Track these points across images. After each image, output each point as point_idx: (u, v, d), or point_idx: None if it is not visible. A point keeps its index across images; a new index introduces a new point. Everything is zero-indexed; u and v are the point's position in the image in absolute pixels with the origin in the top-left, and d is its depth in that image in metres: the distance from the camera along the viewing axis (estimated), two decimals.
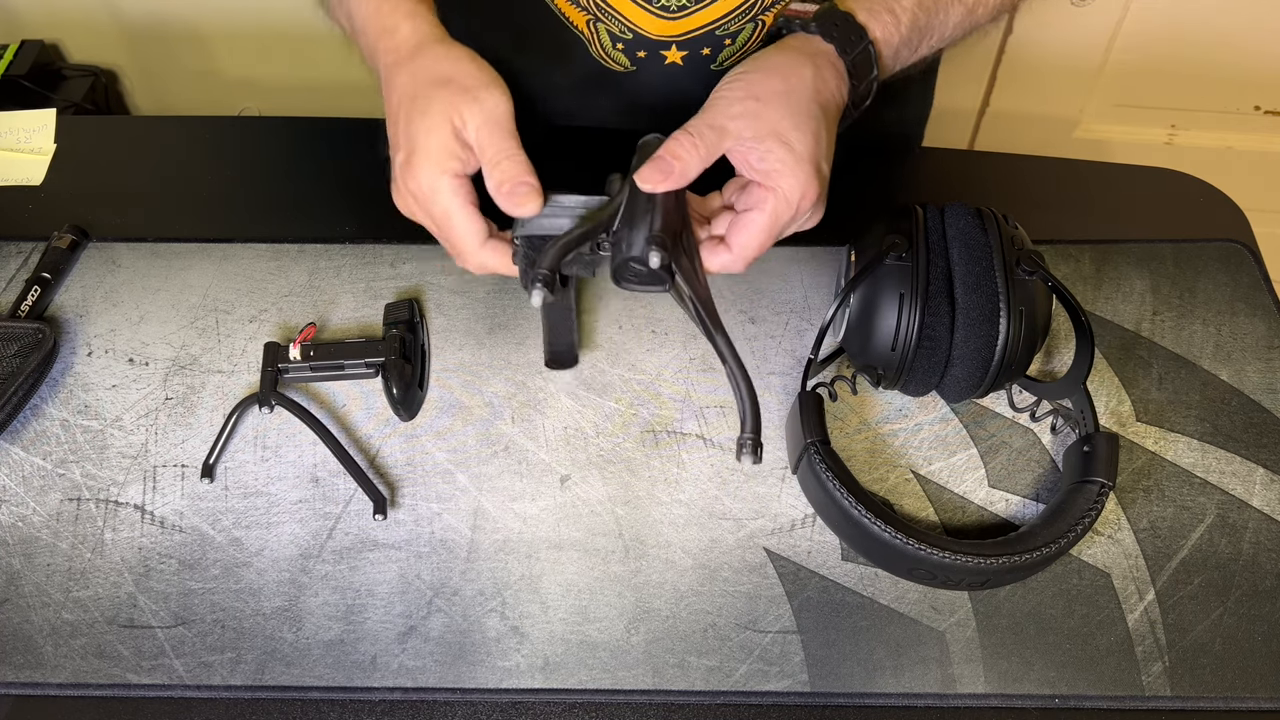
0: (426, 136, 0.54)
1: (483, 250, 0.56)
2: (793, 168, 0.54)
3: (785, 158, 0.54)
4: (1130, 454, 0.63)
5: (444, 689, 0.55)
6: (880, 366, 0.59)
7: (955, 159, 0.86)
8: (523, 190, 0.54)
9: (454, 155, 0.54)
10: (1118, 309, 0.70)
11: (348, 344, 0.64)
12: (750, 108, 0.55)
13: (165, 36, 1.33)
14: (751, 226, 0.55)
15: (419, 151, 0.55)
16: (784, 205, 0.54)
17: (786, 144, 0.54)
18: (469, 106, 0.54)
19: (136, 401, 0.65)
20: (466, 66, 0.56)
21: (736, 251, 0.55)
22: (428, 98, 0.55)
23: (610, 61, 0.75)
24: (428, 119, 0.54)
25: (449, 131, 0.54)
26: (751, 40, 0.73)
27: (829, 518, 0.59)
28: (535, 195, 0.54)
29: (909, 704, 0.55)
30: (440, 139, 0.54)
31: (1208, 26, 1.24)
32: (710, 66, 0.75)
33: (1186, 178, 0.79)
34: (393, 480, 0.62)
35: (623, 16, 0.70)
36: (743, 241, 0.55)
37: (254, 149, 0.83)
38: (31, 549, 0.59)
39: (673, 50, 0.73)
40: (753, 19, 0.71)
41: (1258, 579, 0.58)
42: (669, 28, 0.71)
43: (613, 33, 0.72)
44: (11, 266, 0.71)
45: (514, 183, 0.54)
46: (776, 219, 0.54)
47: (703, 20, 0.71)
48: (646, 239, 0.52)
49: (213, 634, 0.56)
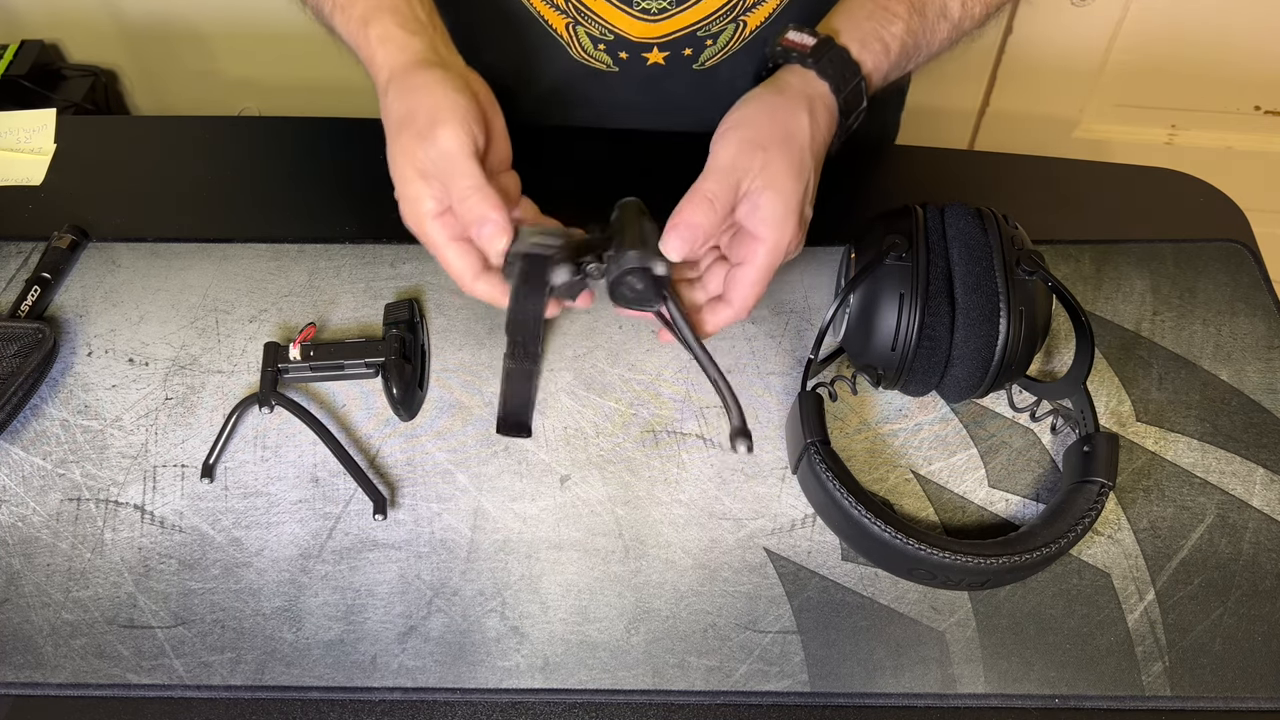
0: (400, 181, 0.56)
1: (477, 283, 0.57)
2: (782, 219, 0.55)
3: (777, 210, 0.55)
4: (1130, 454, 0.63)
5: (444, 689, 0.55)
6: (880, 366, 0.59)
7: (955, 159, 0.86)
8: (487, 230, 0.55)
9: (426, 196, 0.56)
10: (1118, 309, 0.70)
11: (348, 344, 0.64)
12: (758, 160, 0.56)
13: (165, 36, 1.33)
14: (746, 280, 0.57)
15: (398, 192, 0.57)
16: (774, 254, 0.56)
17: (782, 197, 0.55)
18: (423, 150, 0.55)
19: (136, 401, 0.65)
20: (423, 100, 0.56)
21: (738, 305, 0.57)
22: (393, 140, 0.57)
23: (592, 62, 0.75)
24: (397, 165, 0.56)
25: (414, 174, 0.55)
26: (733, 41, 0.73)
27: (829, 518, 0.59)
28: (501, 233, 0.55)
29: (909, 704, 0.55)
30: (410, 184, 0.56)
31: (1208, 26, 1.24)
32: (693, 67, 0.75)
33: (1186, 178, 0.79)
34: (393, 480, 0.62)
35: (602, 19, 0.70)
36: (742, 295, 0.57)
37: (254, 149, 0.83)
38: (31, 549, 0.59)
39: (654, 52, 0.73)
40: (734, 20, 0.71)
41: (1258, 579, 0.58)
42: (649, 30, 0.71)
43: (592, 35, 0.72)
44: (11, 266, 0.71)
45: (478, 224, 0.55)
46: (769, 268, 0.57)
47: (684, 22, 0.71)
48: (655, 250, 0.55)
49: (213, 634, 0.56)
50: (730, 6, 0.70)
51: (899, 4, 0.62)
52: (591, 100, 0.79)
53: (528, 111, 0.81)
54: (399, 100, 0.57)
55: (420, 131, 0.55)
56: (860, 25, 0.61)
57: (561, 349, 0.67)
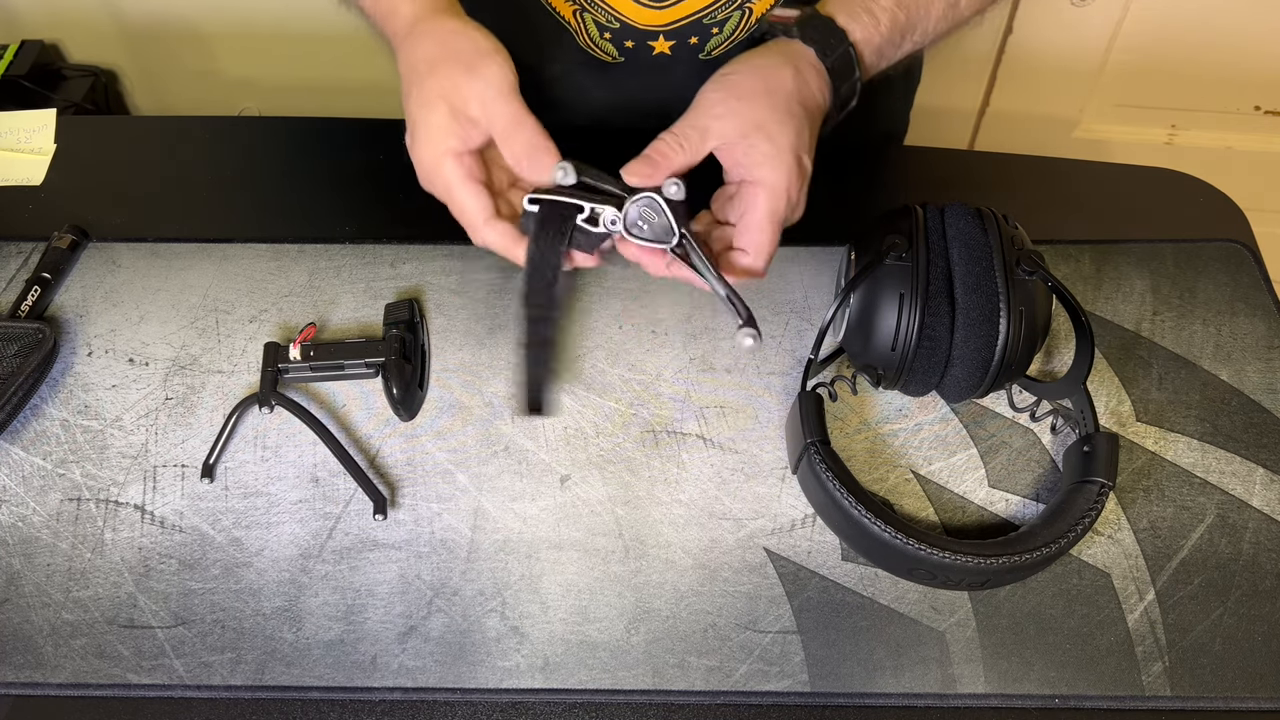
0: (425, 115, 0.55)
1: (486, 227, 0.56)
2: (775, 159, 0.55)
3: (768, 150, 0.55)
4: (1130, 454, 0.63)
5: (444, 689, 0.55)
6: (880, 366, 0.59)
7: (955, 159, 0.86)
8: (539, 157, 0.54)
9: (451, 133, 0.55)
10: (1118, 309, 0.70)
11: (348, 344, 0.64)
12: (733, 107, 0.55)
13: (165, 36, 1.33)
14: (755, 225, 0.55)
15: (418, 130, 0.56)
16: (775, 196, 0.55)
17: (769, 137, 0.55)
18: (467, 82, 0.54)
19: (136, 401, 0.65)
20: (462, 41, 0.56)
21: (753, 252, 0.56)
22: (424, 76, 0.56)
23: (598, 52, 0.75)
24: (424, 98, 0.55)
25: (445, 110, 0.55)
26: (739, 29, 0.73)
27: (829, 518, 0.59)
28: (552, 156, 0.54)
29: (909, 704, 0.55)
30: (437, 118, 0.55)
31: (1208, 26, 1.24)
32: (699, 56, 0.75)
33: (1186, 178, 0.79)
34: (393, 480, 0.62)
35: (609, 6, 0.70)
36: (755, 241, 0.56)
37: (254, 149, 0.83)
38: (31, 549, 0.59)
39: (660, 40, 0.73)
40: (739, 7, 0.71)
41: (1258, 579, 0.58)
42: (656, 17, 0.71)
43: (600, 23, 0.72)
44: (11, 266, 0.71)
45: (530, 150, 0.54)
46: (774, 210, 0.55)
47: (689, 9, 0.71)
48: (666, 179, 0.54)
49: (213, 634, 0.56)
50: None
51: None
52: (597, 92, 0.79)
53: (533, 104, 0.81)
54: (431, 41, 0.56)
55: (469, 63, 0.54)
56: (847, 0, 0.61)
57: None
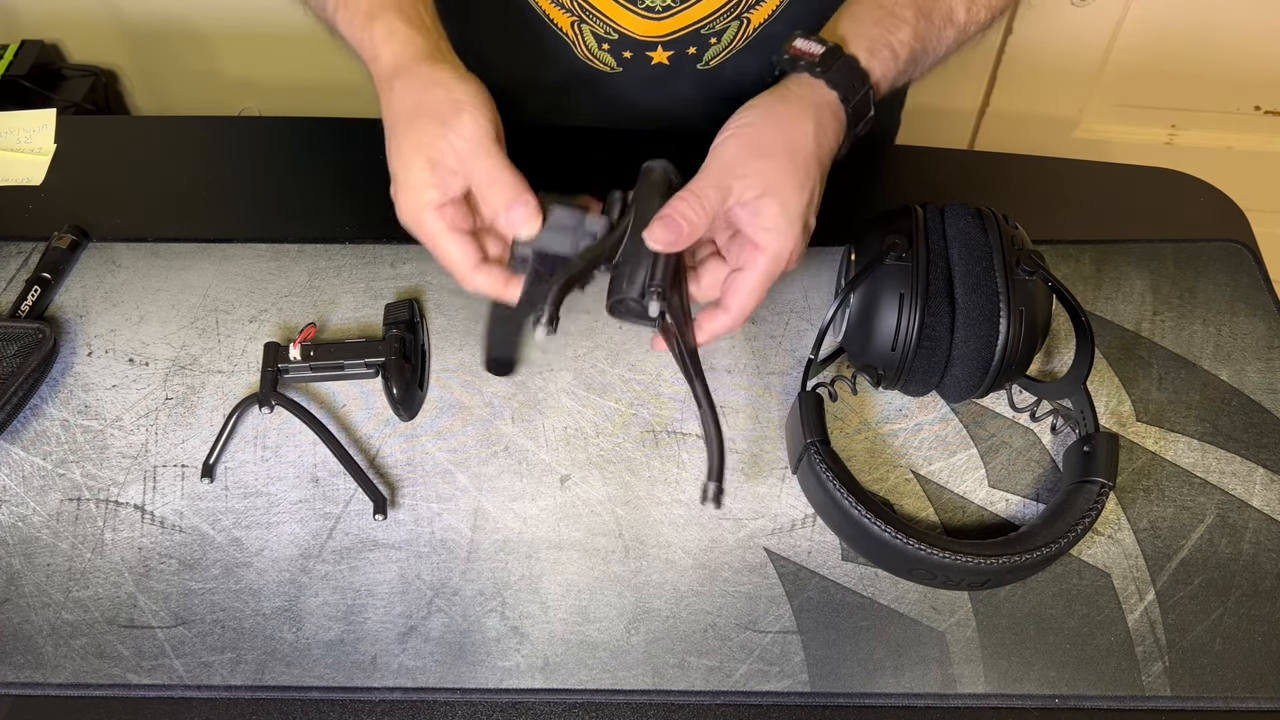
0: (404, 171, 0.55)
1: (476, 274, 0.56)
2: (784, 229, 0.54)
3: (779, 218, 0.54)
4: (1130, 454, 0.63)
5: (444, 689, 0.55)
6: (880, 366, 0.59)
7: (955, 159, 0.86)
8: (518, 212, 0.54)
9: (430, 186, 0.54)
10: (1118, 309, 0.70)
11: (348, 344, 0.64)
12: (754, 167, 0.55)
13: (165, 36, 1.33)
14: (745, 287, 0.55)
15: (399, 182, 0.56)
16: (774, 263, 0.55)
17: (783, 204, 0.54)
18: (442, 136, 0.54)
19: (136, 401, 0.65)
20: (438, 93, 0.55)
21: (735, 313, 0.56)
22: (403, 130, 0.55)
23: (596, 62, 0.75)
24: (403, 153, 0.55)
25: (423, 163, 0.54)
26: (737, 39, 0.73)
27: (829, 518, 0.59)
28: (533, 216, 0.54)
29: (909, 704, 0.55)
30: (416, 172, 0.54)
31: (1208, 26, 1.24)
32: (696, 66, 0.75)
33: (1186, 178, 0.79)
34: (393, 480, 0.62)
35: (607, 17, 0.70)
36: (740, 304, 0.56)
37: (254, 149, 0.83)
38: (31, 549, 0.59)
39: (658, 50, 0.73)
40: (737, 17, 0.71)
41: (1258, 579, 0.58)
42: (654, 28, 0.71)
43: (597, 34, 0.72)
44: (11, 266, 0.71)
45: (509, 206, 0.54)
46: (769, 276, 0.55)
47: (687, 20, 0.71)
48: (645, 288, 0.54)
49: (213, 634, 0.56)
50: (734, 4, 0.70)
51: (906, 9, 0.61)
52: (595, 102, 0.79)
53: (531, 113, 0.81)
54: (409, 92, 0.56)
55: (443, 118, 0.54)
56: (867, 32, 0.60)
57: (561, 349, 0.67)
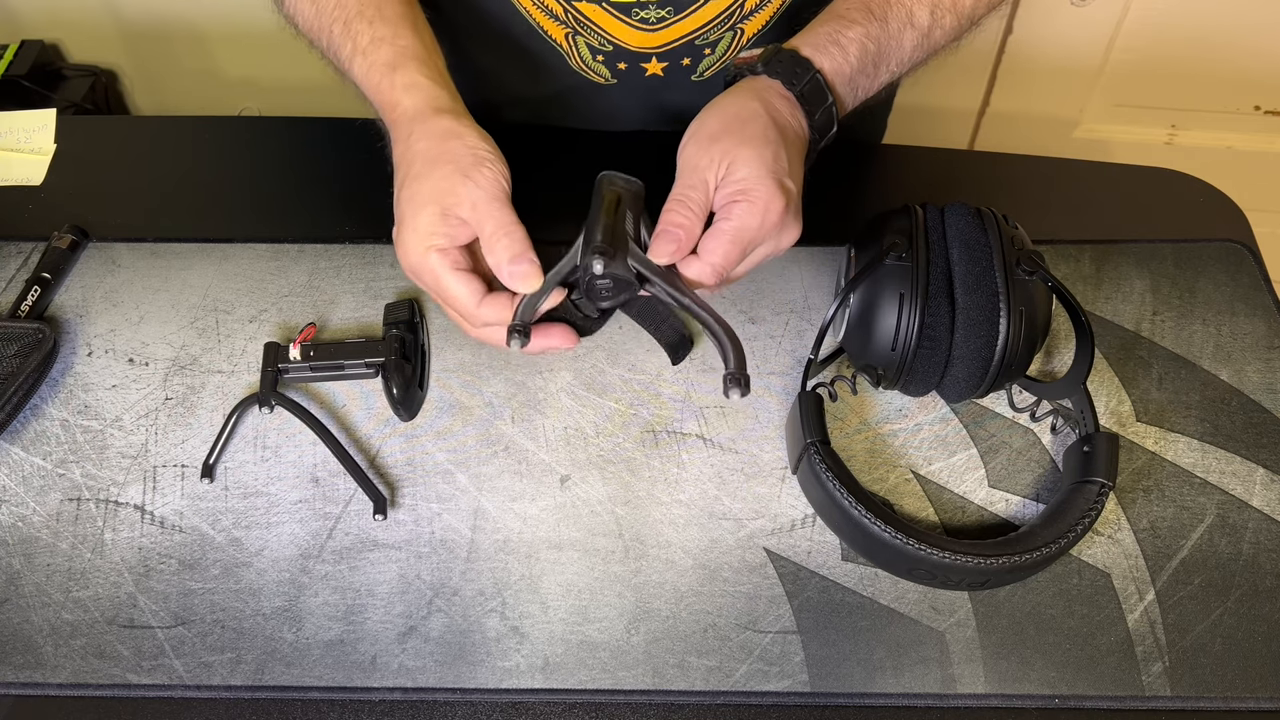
0: (415, 214, 0.56)
1: (482, 307, 0.56)
2: (756, 180, 0.55)
3: (748, 173, 0.55)
4: (1130, 454, 0.63)
5: (444, 689, 0.55)
6: (880, 366, 0.59)
7: (955, 159, 0.86)
8: (522, 268, 0.55)
9: (439, 234, 0.55)
10: (1118, 309, 0.70)
11: (348, 344, 0.64)
12: (717, 149, 0.56)
13: (165, 36, 1.33)
14: (718, 234, 0.55)
15: (406, 226, 0.56)
16: (751, 214, 0.54)
17: (748, 161, 0.55)
18: (462, 186, 0.55)
19: (136, 401, 0.65)
20: (460, 145, 0.57)
21: (704, 259, 0.55)
22: (420, 176, 0.56)
23: (590, 74, 0.75)
24: (417, 198, 0.56)
25: (436, 211, 0.55)
26: (731, 49, 0.73)
27: (829, 518, 0.59)
28: (535, 273, 0.55)
29: (909, 704, 0.55)
30: (427, 218, 0.55)
31: (1208, 26, 1.24)
32: (691, 77, 0.75)
33: (1186, 178, 0.79)
34: (393, 480, 0.62)
35: (601, 29, 0.70)
36: (710, 248, 0.55)
37: (254, 149, 0.83)
38: (31, 549, 0.59)
39: (653, 62, 0.73)
40: (731, 28, 0.71)
41: (1258, 579, 0.58)
42: (648, 40, 0.71)
43: (592, 45, 0.72)
44: (11, 266, 0.71)
45: (513, 260, 0.54)
46: (744, 227, 0.54)
47: (682, 31, 0.71)
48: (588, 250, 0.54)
49: (213, 634, 0.56)
50: (728, 15, 0.70)
51: (856, 11, 0.62)
52: (589, 113, 0.79)
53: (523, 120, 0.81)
54: (429, 140, 0.57)
55: (464, 168, 0.55)
56: (813, 31, 0.62)
57: None
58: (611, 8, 0.69)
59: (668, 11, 0.69)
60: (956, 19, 0.65)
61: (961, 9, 0.65)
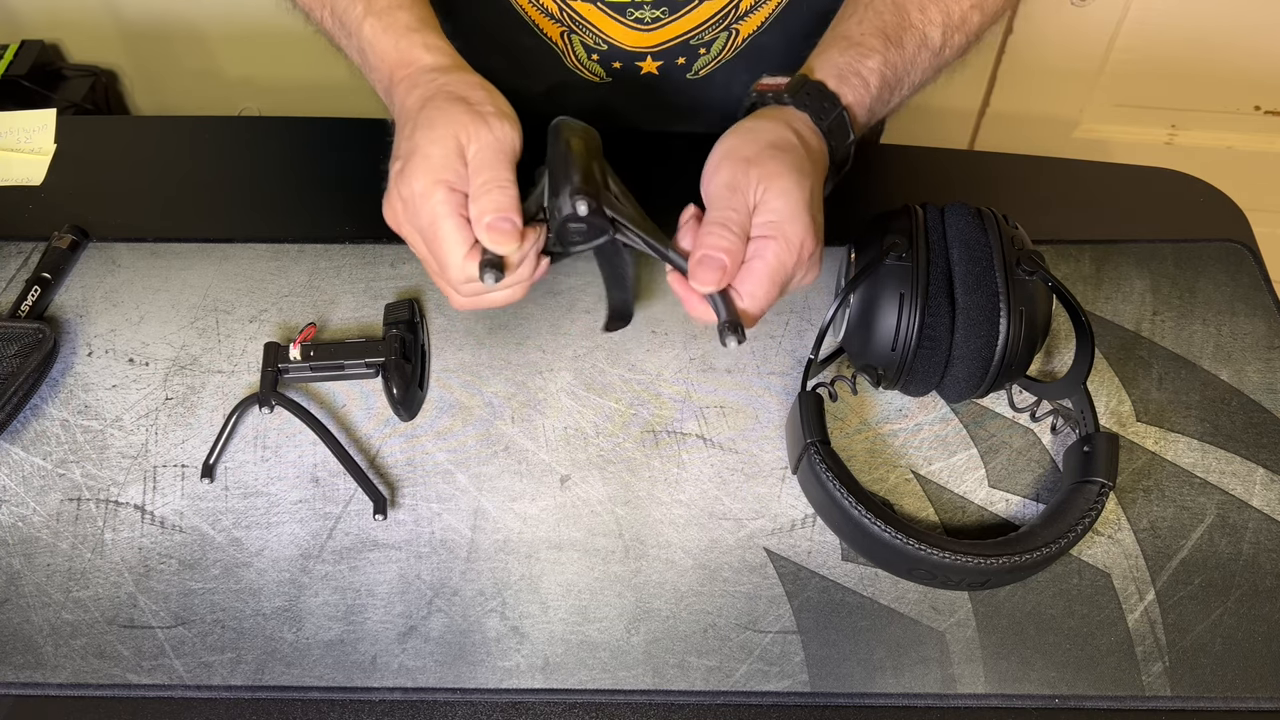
0: (429, 145, 0.54)
1: (468, 260, 0.54)
2: (791, 216, 0.54)
3: (782, 207, 0.54)
4: (1130, 454, 0.63)
5: (444, 689, 0.55)
6: (880, 366, 0.59)
7: (955, 159, 0.86)
8: (505, 226, 0.52)
9: (452, 168, 0.53)
10: (1118, 309, 0.70)
11: (348, 344, 0.64)
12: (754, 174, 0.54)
13: (165, 36, 1.33)
14: (756, 274, 0.54)
15: (418, 157, 0.54)
16: (786, 250, 0.54)
17: (783, 191, 0.54)
18: (479, 127, 0.54)
19: (136, 401, 0.65)
20: (484, 94, 0.55)
21: (747, 301, 0.54)
22: (439, 110, 0.54)
23: (585, 72, 0.75)
24: (435, 130, 0.54)
25: (453, 145, 0.53)
26: (726, 49, 0.73)
27: (829, 518, 0.59)
28: (515, 234, 0.52)
29: (909, 704, 0.55)
30: (443, 150, 0.53)
31: (1208, 26, 1.24)
32: (686, 76, 0.75)
33: (1186, 178, 0.79)
34: (393, 480, 0.62)
35: (596, 28, 0.71)
36: (750, 290, 0.54)
37: (254, 149, 0.83)
38: (31, 549, 0.59)
39: (648, 61, 0.73)
40: (726, 28, 0.71)
41: (1258, 579, 0.58)
42: (643, 39, 0.71)
43: (587, 44, 0.72)
44: (11, 266, 0.71)
45: (498, 215, 0.52)
46: (781, 264, 0.54)
47: (676, 31, 0.71)
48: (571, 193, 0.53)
49: (213, 634, 0.56)
50: (722, 15, 0.70)
51: (873, 38, 0.61)
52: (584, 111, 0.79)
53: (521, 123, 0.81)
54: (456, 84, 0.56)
55: (483, 114, 0.54)
56: (834, 61, 0.61)
57: (561, 349, 0.67)
58: (607, 7, 0.69)
59: (663, 11, 0.69)
60: (966, 37, 0.65)
61: (970, 27, 0.64)
